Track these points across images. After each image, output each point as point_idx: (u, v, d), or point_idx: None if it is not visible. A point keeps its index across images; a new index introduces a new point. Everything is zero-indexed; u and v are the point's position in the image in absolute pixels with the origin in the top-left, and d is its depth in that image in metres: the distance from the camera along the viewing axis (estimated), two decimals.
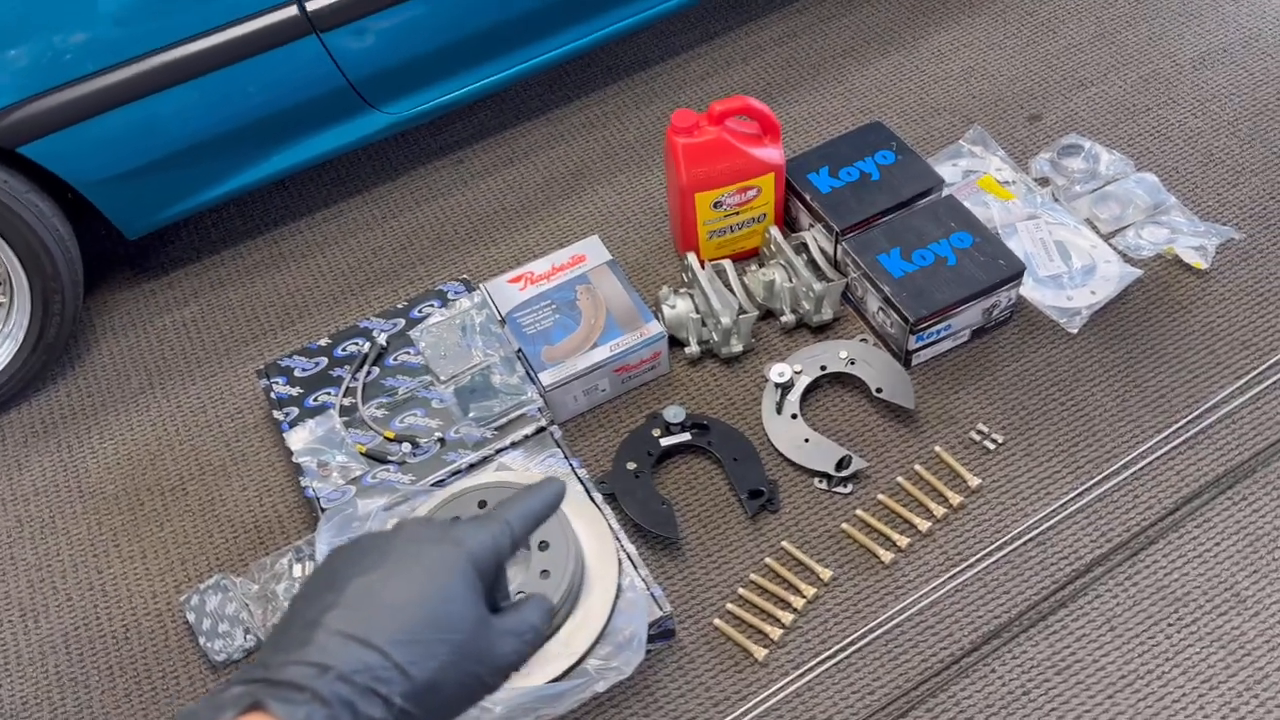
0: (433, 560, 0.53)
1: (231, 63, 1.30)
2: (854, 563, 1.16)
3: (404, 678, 0.48)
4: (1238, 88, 1.57)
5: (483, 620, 0.53)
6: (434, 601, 0.51)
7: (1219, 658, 1.05)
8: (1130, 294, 1.34)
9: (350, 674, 0.47)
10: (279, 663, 0.48)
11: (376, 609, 0.50)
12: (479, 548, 0.54)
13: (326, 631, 0.49)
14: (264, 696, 0.46)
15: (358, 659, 0.48)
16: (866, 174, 1.40)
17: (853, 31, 1.77)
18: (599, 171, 1.61)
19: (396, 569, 0.52)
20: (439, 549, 0.53)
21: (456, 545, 0.54)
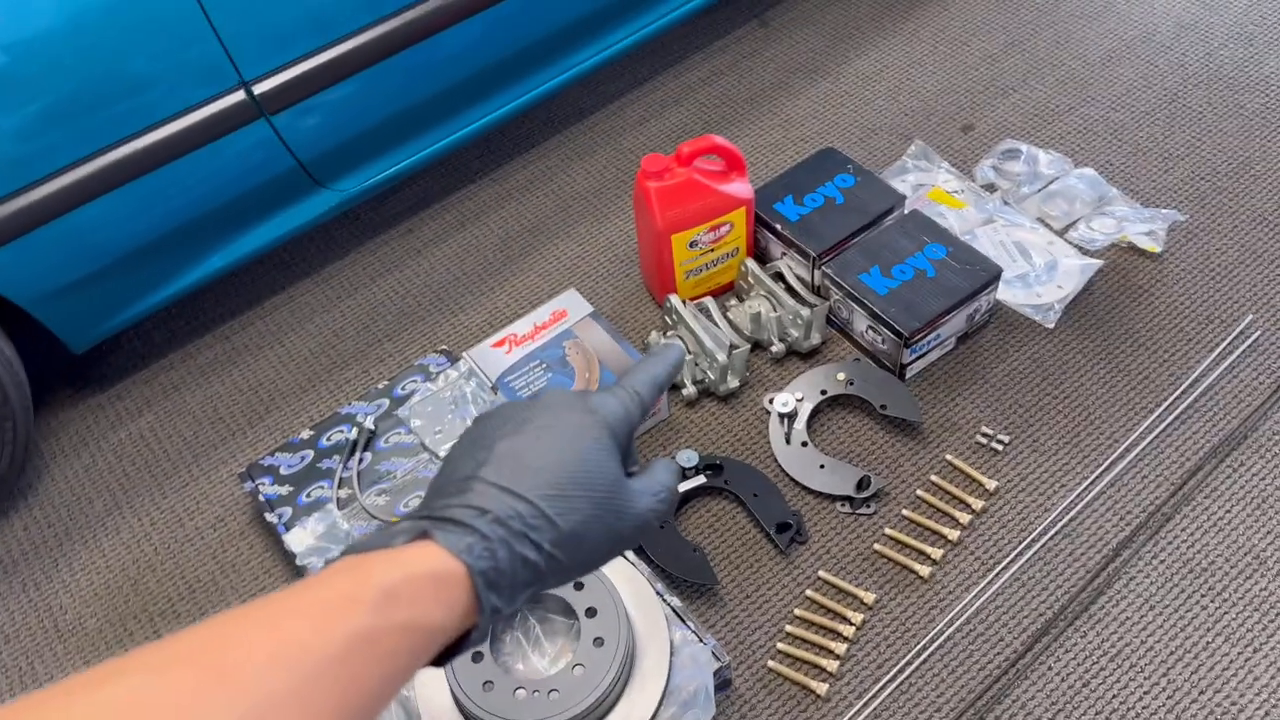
0: (572, 425, 0.57)
1: (179, 156, 1.24)
2: (893, 582, 1.16)
3: (552, 526, 0.53)
4: (1148, 80, 1.67)
5: (619, 480, 0.57)
6: (576, 461, 0.55)
7: (1255, 620, 1.09)
8: (1095, 284, 1.40)
9: (505, 518, 0.52)
10: (441, 505, 0.52)
11: (525, 466, 0.54)
12: (612, 415, 0.58)
13: (482, 483, 0.53)
14: (431, 528, 0.50)
15: (511, 507, 0.52)
16: (831, 198, 1.42)
17: (777, 65, 1.80)
18: (555, 225, 1.60)
19: (541, 432, 0.56)
20: (577, 415, 0.57)
21: (592, 413, 0.58)
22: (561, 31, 1.55)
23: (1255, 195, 1.48)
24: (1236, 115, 1.60)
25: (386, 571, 0.48)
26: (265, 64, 1.25)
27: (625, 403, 0.60)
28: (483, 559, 0.50)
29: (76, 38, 1.12)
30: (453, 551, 0.50)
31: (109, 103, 1.18)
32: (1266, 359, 1.30)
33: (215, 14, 1.18)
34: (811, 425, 1.30)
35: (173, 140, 1.23)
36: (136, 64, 1.18)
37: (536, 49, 1.54)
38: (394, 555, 0.49)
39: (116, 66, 1.16)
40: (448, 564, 0.50)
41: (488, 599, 0.51)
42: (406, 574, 0.48)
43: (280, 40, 1.25)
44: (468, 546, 0.50)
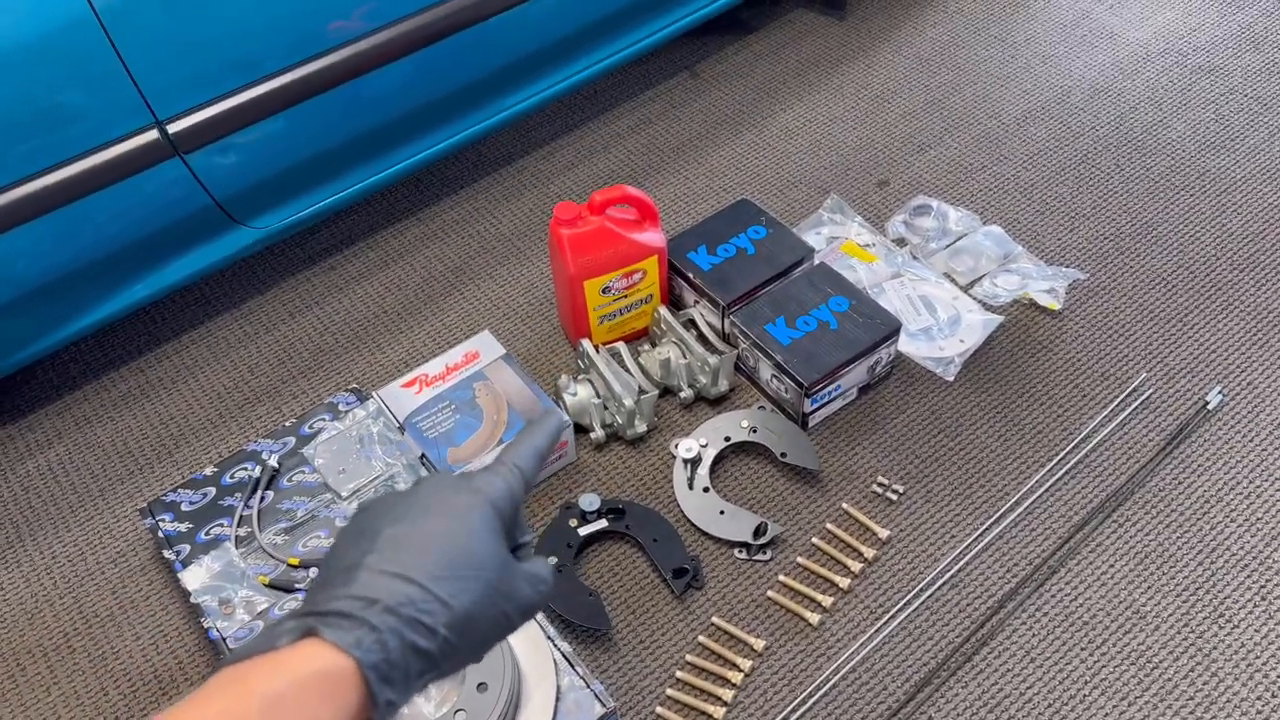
0: (458, 506, 0.56)
1: (92, 191, 1.24)
2: (784, 629, 1.18)
3: (445, 608, 0.51)
4: (1059, 141, 1.72)
5: (507, 561, 0.57)
6: (463, 542, 0.54)
7: (1131, 674, 1.12)
8: (995, 339, 1.43)
9: (395, 606, 0.50)
10: (326, 599, 0.51)
11: (411, 551, 0.53)
12: (496, 493, 0.58)
13: (368, 571, 0.51)
14: (316, 625, 0.49)
15: (401, 592, 0.51)
16: (743, 249, 1.46)
17: (703, 116, 1.85)
18: (478, 266, 1.62)
19: (426, 516, 0.55)
20: (462, 496, 0.57)
21: (476, 492, 0.57)
22: (490, 76, 1.58)
23: (1155, 256, 1.54)
24: (1143, 178, 1.66)
25: (269, 680, 0.46)
26: (180, 103, 1.26)
27: (508, 479, 0.59)
28: (373, 652, 0.49)
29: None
30: (341, 647, 0.48)
31: (21, 137, 1.19)
32: (1157, 417, 1.34)
33: (128, 54, 1.19)
34: (715, 471, 1.32)
35: (86, 176, 1.24)
36: (51, 99, 1.18)
37: (464, 93, 1.56)
38: (278, 660, 0.48)
39: (30, 102, 1.17)
40: (336, 662, 0.48)
41: (381, 693, 0.49)
42: (291, 679, 0.46)
43: (195, 81, 1.27)
44: (356, 640, 0.48)
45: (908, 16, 2.01)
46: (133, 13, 1.18)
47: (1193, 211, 1.60)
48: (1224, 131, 1.72)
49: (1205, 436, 1.31)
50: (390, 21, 1.40)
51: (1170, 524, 1.23)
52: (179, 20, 1.22)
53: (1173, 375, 1.38)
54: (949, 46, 1.93)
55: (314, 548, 1.22)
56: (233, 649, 0.50)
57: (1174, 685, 1.11)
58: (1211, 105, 1.78)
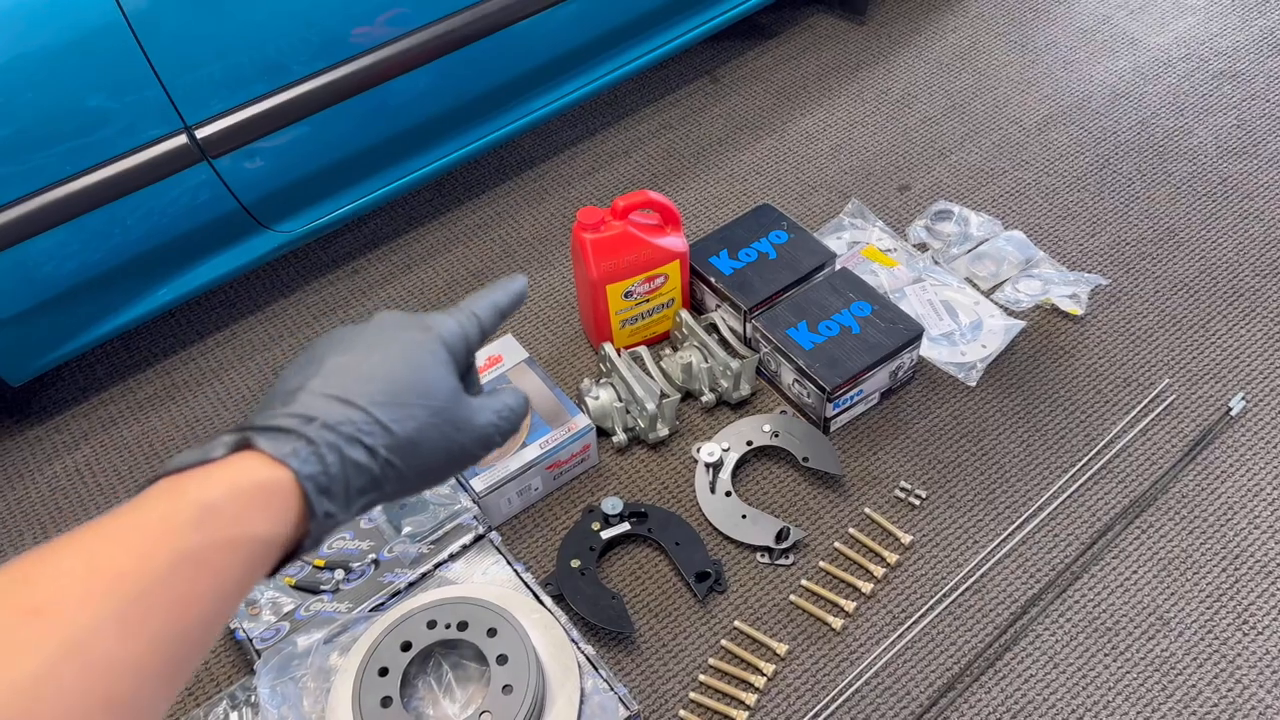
0: (406, 340, 0.55)
1: (120, 195, 1.26)
2: (806, 633, 1.18)
3: (386, 432, 0.51)
4: (1080, 146, 1.72)
5: (458, 392, 0.56)
6: (412, 371, 0.54)
7: (1155, 680, 1.12)
8: (1017, 345, 1.43)
9: (335, 424, 0.50)
10: (266, 416, 0.51)
11: (356, 377, 0.52)
12: (449, 333, 0.57)
13: (309, 393, 0.51)
14: (252, 436, 0.48)
15: (341, 413, 0.50)
16: (764, 253, 1.46)
17: (724, 121, 1.85)
18: (499, 271, 1.62)
19: (374, 346, 0.54)
20: (413, 331, 0.56)
21: (428, 329, 0.56)
22: (512, 81, 1.59)
23: (1177, 262, 1.53)
24: (1164, 183, 1.66)
25: (206, 488, 0.46)
26: (208, 109, 1.28)
27: (463, 323, 0.59)
28: (310, 463, 0.49)
29: (19, 78, 1.14)
30: (277, 457, 0.48)
31: (52, 142, 1.20)
32: (1180, 423, 1.34)
33: (158, 59, 1.20)
34: (736, 475, 1.32)
35: (115, 180, 1.25)
36: (81, 104, 1.20)
37: (486, 98, 1.57)
38: (214, 469, 0.47)
39: (60, 107, 1.18)
40: (273, 472, 0.48)
41: (319, 504, 0.49)
42: (229, 487, 0.46)
43: (224, 86, 1.28)
44: (293, 451, 0.48)
45: (927, 21, 2.01)
46: (163, 18, 1.19)
47: (1215, 217, 1.59)
48: (1246, 137, 1.72)
49: (1228, 442, 1.31)
50: (414, 28, 1.41)
51: (1194, 530, 1.23)
52: (208, 25, 1.23)
53: (1195, 381, 1.38)
54: (969, 51, 1.93)
55: (339, 549, 1.23)
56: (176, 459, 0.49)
57: (1198, 692, 1.10)
58: (1233, 110, 1.77)
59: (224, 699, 1.16)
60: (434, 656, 1.09)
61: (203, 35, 1.23)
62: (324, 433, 0.50)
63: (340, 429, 0.50)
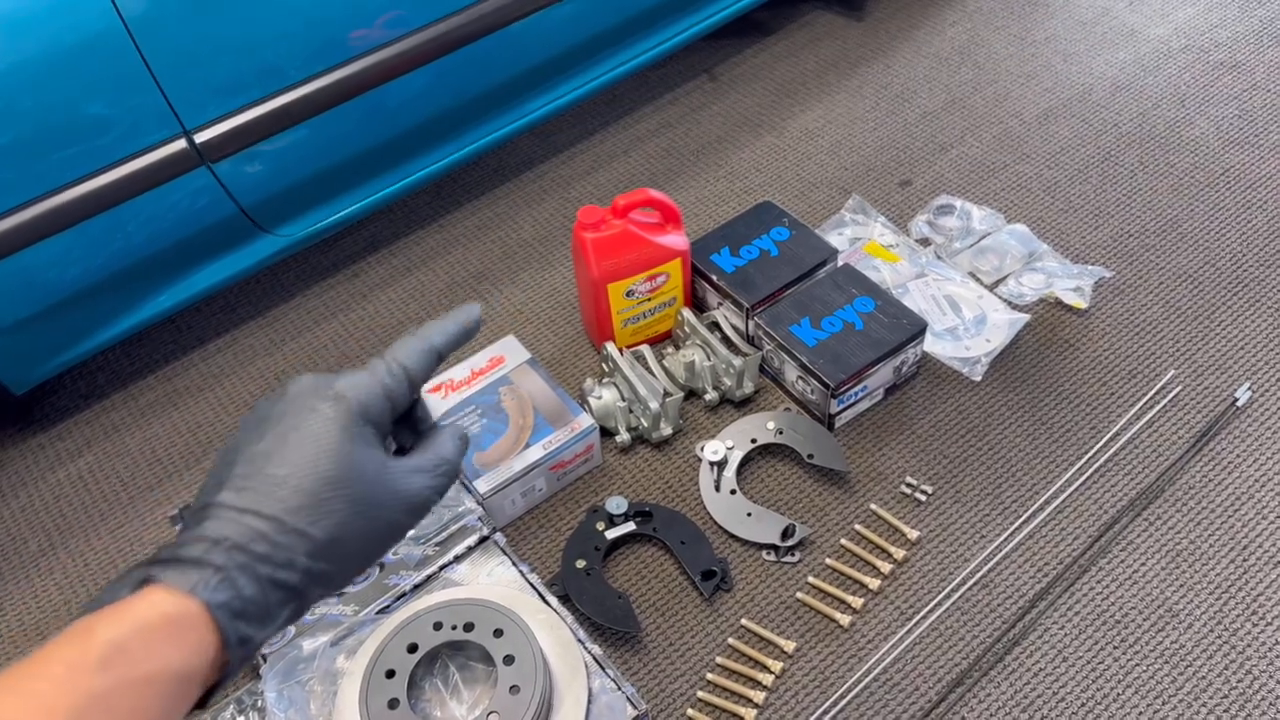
0: (318, 418, 0.53)
1: (120, 201, 1.25)
2: (814, 630, 1.17)
3: (304, 539, 0.50)
4: (1081, 139, 1.72)
5: (380, 467, 0.53)
6: (324, 461, 0.51)
7: (1165, 673, 1.11)
8: (1022, 338, 1.43)
9: (246, 543, 0.49)
10: (178, 544, 0.50)
11: (266, 481, 0.51)
12: (364, 395, 0.55)
13: (220, 508, 0.50)
14: (155, 571, 0.48)
15: (252, 529, 0.49)
16: (766, 251, 1.46)
17: (723, 119, 1.85)
18: (500, 272, 1.62)
19: (284, 434, 0.52)
20: (323, 405, 0.54)
21: (338, 399, 0.54)
22: (510, 82, 1.58)
23: (1181, 253, 1.53)
24: (1167, 175, 1.65)
25: (113, 627, 0.45)
26: (207, 113, 1.28)
27: (381, 378, 0.56)
28: (220, 591, 0.47)
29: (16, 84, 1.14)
30: (182, 590, 0.47)
31: (51, 148, 1.20)
32: (1186, 414, 1.33)
33: (156, 64, 1.20)
34: (741, 473, 1.32)
35: (114, 186, 1.25)
36: (79, 110, 1.19)
37: (484, 99, 1.57)
38: (123, 608, 0.46)
39: (59, 113, 1.18)
40: (180, 604, 0.47)
41: (234, 630, 0.48)
42: (136, 624, 0.45)
43: (222, 90, 1.28)
44: (200, 581, 0.47)
45: (926, 16, 2.00)
46: (160, 23, 1.19)
47: (1217, 208, 1.59)
48: (1248, 127, 1.71)
49: (1235, 433, 1.30)
50: (412, 30, 1.40)
51: (1201, 521, 1.23)
52: (206, 30, 1.23)
53: (1201, 372, 1.37)
54: (968, 45, 1.93)
55: None
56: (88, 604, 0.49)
57: (1208, 683, 1.10)
58: (1234, 101, 1.77)
59: (230, 704, 1.15)
60: (440, 658, 1.09)
61: (201, 40, 1.23)
62: (234, 555, 0.48)
63: (252, 548, 0.48)
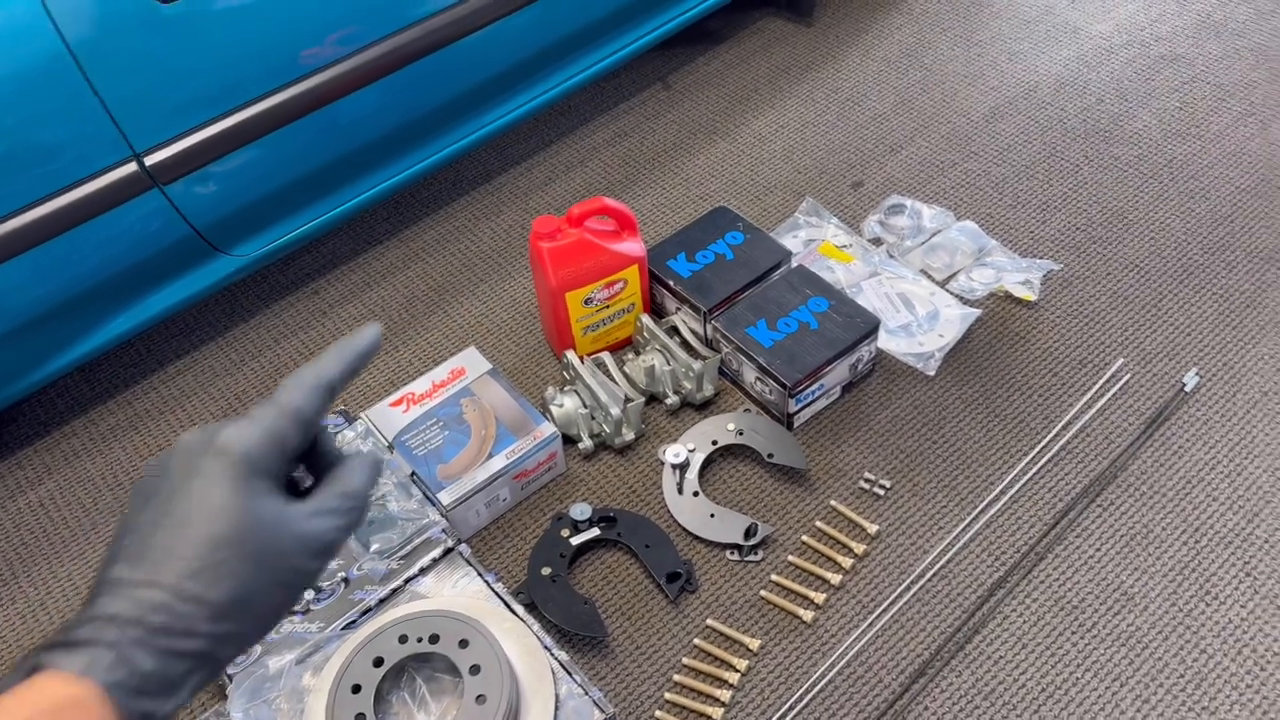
0: (202, 478, 0.51)
1: (71, 226, 1.25)
2: (778, 627, 1.19)
3: (201, 605, 0.48)
4: (1028, 135, 1.75)
5: (277, 518, 0.52)
6: (214, 522, 0.50)
7: (1122, 655, 1.13)
8: (974, 332, 1.45)
9: (140, 618, 0.47)
10: (70, 625, 0.48)
11: (157, 547, 0.49)
12: (249, 445, 0.52)
13: (112, 584, 0.48)
14: (44, 658, 0.46)
15: (146, 600, 0.47)
16: (721, 255, 1.47)
17: (678, 127, 1.87)
18: (461, 284, 1.63)
19: (170, 499, 0.51)
20: (206, 462, 0.52)
21: (222, 454, 0.52)
22: (465, 95, 1.59)
23: (1127, 243, 1.56)
24: (1111, 167, 1.69)
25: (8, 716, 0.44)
26: (157, 135, 1.28)
27: (266, 423, 0.54)
28: (114, 670, 0.46)
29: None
30: (74, 673, 0.45)
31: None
32: (1136, 400, 1.36)
33: (104, 89, 1.20)
34: (703, 475, 1.33)
35: (65, 212, 1.24)
36: (27, 136, 1.19)
37: (439, 113, 1.58)
38: (15, 698, 0.45)
39: (5, 139, 1.18)
40: (74, 689, 0.45)
41: (134, 706, 0.46)
42: (31, 711, 0.44)
43: (173, 112, 1.28)
44: (90, 662, 0.46)
45: (874, 20, 2.04)
46: (106, 47, 1.19)
47: (1161, 198, 1.62)
48: (1189, 119, 1.75)
49: (1184, 418, 1.33)
50: (364, 45, 1.41)
51: (1154, 506, 1.25)
52: (153, 53, 1.23)
53: (1149, 359, 1.40)
54: (915, 48, 1.96)
55: None
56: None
57: (1164, 664, 1.12)
58: (1175, 93, 1.81)
59: None
60: (407, 671, 1.09)
61: (148, 63, 1.23)
62: (127, 630, 0.47)
63: (147, 620, 0.47)
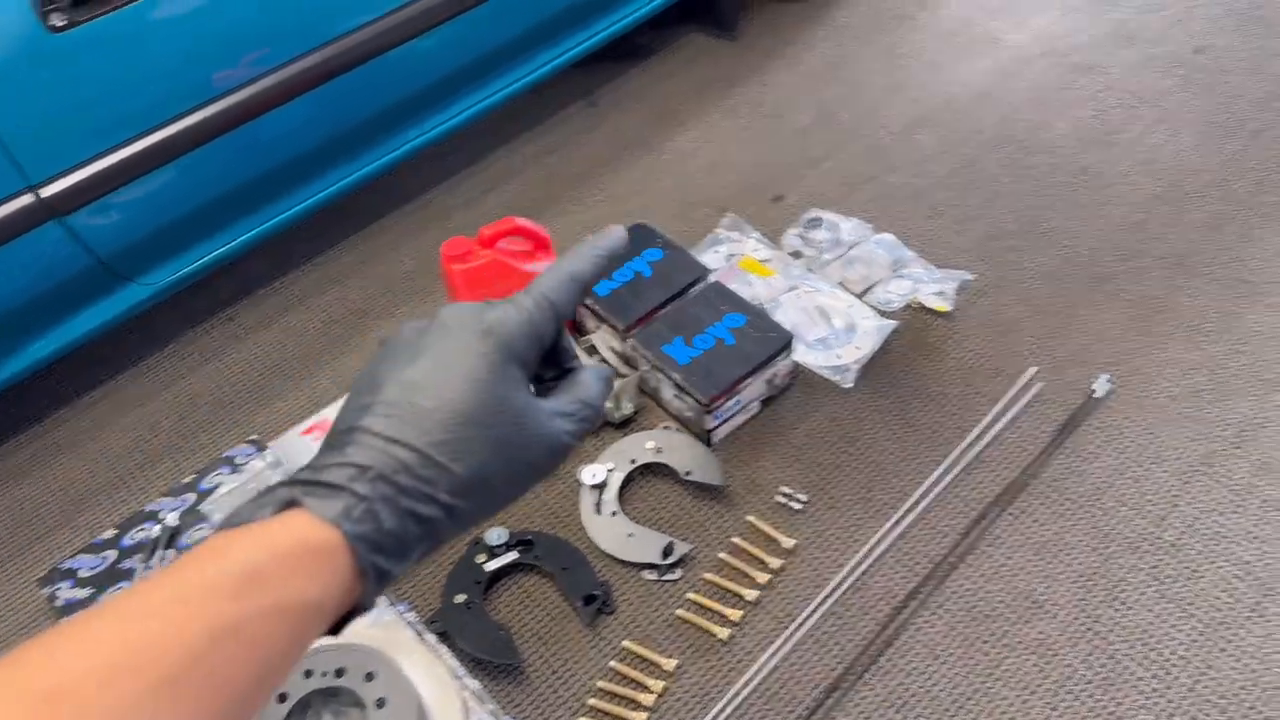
0: (466, 352, 0.51)
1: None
2: (695, 646, 1.18)
3: (447, 474, 0.49)
4: (947, 146, 1.77)
5: (525, 409, 0.52)
6: (471, 395, 0.50)
7: (1032, 663, 1.14)
8: (890, 344, 1.46)
9: (390, 474, 0.47)
10: (321, 465, 0.48)
11: (413, 409, 0.49)
12: (513, 331, 0.53)
13: (365, 434, 0.48)
14: (300, 495, 0.46)
15: (396, 459, 0.48)
16: (639, 272, 1.47)
17: (605, 142, 1.87)
18: (381, 307, 1.61)
19: (432, 366, 0.51)
20: (472, 340, 0.52)
21: (488, 334, 0.52)
22: (384, 112, 1.58)
23: (1041, 252, 1.58)
24: (1027, 177, 1.71)
25: (250, 550, 0.44)
26: (53, 166, 1.25)
27: (530, 312, 0.54)
28: (362, 522, 0.46)
29: None
30: (324, 519, 0.46)
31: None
32: (1047, 408, 1.37)
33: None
34: (622, 494, 1.32)
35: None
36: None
37: (358, 131, 1.57)
38: (260, 530, 0.45)
39: None
40: (320, 532, 0.45)
41: (372, 563, 0.47)
42: (274, 550, 0.44)
43: (68, 142, 1.25)
44: (343, 510, 0.46)
45: (797, 34, 2.05)
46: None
47: (1075, 206, 1.65)
48: (1102, 127, 1.78)
49: (1094, 424, 1.35)
50: (278, 64, 1.39)
51: (1064, 512, 1.27)
52: (45, 83, 1.21)
53: (1061, 366, 1.42)
54: (837, 61, 1.98)
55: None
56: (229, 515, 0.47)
57: (1073, 670, 1.13)
58: (1090, 102, 1.84)
59: None
60: (312, 706, 1.07)
61: (41, 93, 1.21)
62: (378, 485, 0.47)
63: (396, 479, 0.47)
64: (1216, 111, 1.79)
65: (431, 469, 0.48)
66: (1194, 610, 1.17)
